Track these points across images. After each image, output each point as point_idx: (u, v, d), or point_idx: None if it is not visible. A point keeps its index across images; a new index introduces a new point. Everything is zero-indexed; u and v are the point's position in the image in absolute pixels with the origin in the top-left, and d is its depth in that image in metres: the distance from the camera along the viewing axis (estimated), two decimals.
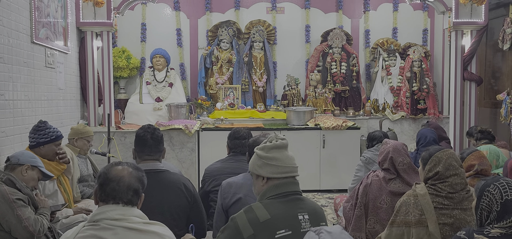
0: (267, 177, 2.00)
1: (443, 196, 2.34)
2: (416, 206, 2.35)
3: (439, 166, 2.38)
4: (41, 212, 2.63)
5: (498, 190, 1.91)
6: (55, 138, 3.23)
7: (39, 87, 4.32)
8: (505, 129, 5.80)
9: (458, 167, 2.38)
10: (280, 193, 1.97)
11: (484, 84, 6.31)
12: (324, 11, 7.11)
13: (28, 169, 2.78)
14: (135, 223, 1.74)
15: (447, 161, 2.38)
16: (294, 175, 2.03)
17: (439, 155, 2.42)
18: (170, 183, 2.56)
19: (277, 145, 2.03)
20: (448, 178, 2.36)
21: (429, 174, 2.43)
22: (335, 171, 5.75)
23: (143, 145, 2.61)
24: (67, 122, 5.06)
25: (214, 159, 3.48)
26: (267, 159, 2.00)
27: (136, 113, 6.25)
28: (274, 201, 1.95)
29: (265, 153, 2.02)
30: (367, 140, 4.28)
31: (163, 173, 2.59)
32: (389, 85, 6.74)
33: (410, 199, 2.41)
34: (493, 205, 1.90)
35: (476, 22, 5.79)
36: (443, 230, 2.29)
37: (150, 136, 2.62)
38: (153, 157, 2.62)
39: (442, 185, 2.36)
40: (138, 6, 6.79)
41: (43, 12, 4.39)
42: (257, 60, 6.74)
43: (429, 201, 2.33)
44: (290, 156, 2.04)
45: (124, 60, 6.47)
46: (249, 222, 1.87)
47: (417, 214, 2.34)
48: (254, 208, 1.93)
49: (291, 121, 5.98)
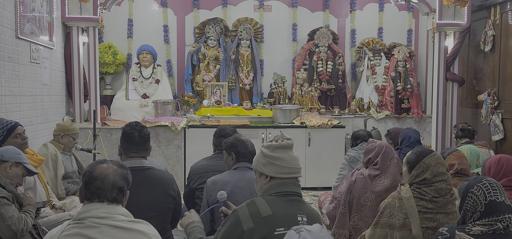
0: (270, 176, 2.02)
1: (428, 200, 2.36)
2: (401, 209, 2.37)
3: (427, 172, 2.39)
4: (26, 209, 2.61)
5: (482, 191, 1.96)
6: (10, 130, 3.16)
7: (23, 83, 4.28)
8: (485, 128, 5.94)
9: (445, 172, 2.40)
10: (283, 192, 1.99)
11: (466, 85, 6.44)
12: (311, 10, 7.16)
13: (12, 166, 2.74)
14: (120, 221, 1.76)
15: (435, 168, 2.39)
16: (297, 176, 2.05)
17: (427, 161, 2.41)
18: (156, 180, 2.57)
19: (283, 145, 2.04)
20: (434, 183, 2.38)
21: (416, 179, 2.43)
22: (320, 169, 5.82)
23: (130, 142, 2.59)
24: (52, 117, 5.02)
25: (200, 156, 3.51)
26: (272, 158, 2.01)
27: (122, 109, 6.23)
28: (276, 199, 1.97)
29: (270, 152, 2.03)
30: (351, 138, 4.35)
31: (149, 170, 2.59)
32: (374, 85, 6.84)
33: (395, 202, 2.42)
34: (477, 206, 1.96)
35: (459, 24, 5.90)
36: (426, 233, 2.33)
37: (137, 133, 2.60)
38: (140, 154, 2.60)
39: (427, 189, 2.38)
40: (125, 2, 6.75)
41: (28, 6, 4.35)
42: (244, 58, 6.77)
43: (413, 205, 2.35)
44: (294, 157, 2.05)
45: (110, 56, 6.43)
46: (251, 215, 1.90)
47: (401, 218, 2.36)
48: (256, 202, 1.95)
49: (277, 118, 6.02)
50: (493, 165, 2.91)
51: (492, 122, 5.67)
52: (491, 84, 5.86)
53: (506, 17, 5.61)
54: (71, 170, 3.89)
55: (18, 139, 3.20)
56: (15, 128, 3.20)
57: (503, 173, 2.86)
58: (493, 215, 1.91)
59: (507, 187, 2.79)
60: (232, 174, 2.74)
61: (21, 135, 3.24)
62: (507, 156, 2.94)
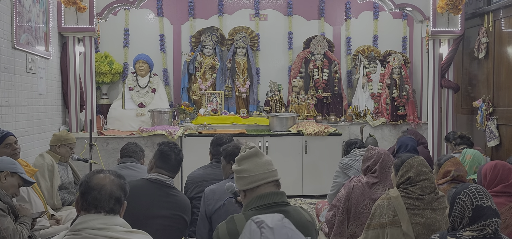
0: (242, 190, 1.99)
1: (414, 198, 2.48)
2: (390, 207, 2.49)
3: (410, 171, 2.54)
4: (22, 221, 2.59)
5: (469, 197, 2.02)
6: (1, 139, 3.13)
7: (19, 93, 4.27)
8: (481, 135, 5.97)
9: (428, 172, 2.54)
10: (263, 204, 1.93)
11: (461, 91, 6.48)
12: (307, 18, 7.20)
13: (8, 176, 2.71)
14: (117, 232, 1.74)
15: (417, 167, 2.54)
16: (269, 180, 1.97)
17: (411, 162, 2.57)
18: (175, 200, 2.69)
19: (244, 156, 1.99)
20: (419, 182, 2.51)
21: (401, 179, 2.57)
22: (317, 177, 5.82)
23: (165, 162, 2.72)
24: (48, 127, 5.01)
25: (197, 165, 3.50)
26: (238, 172, 2.00)
27: (118, 119, 6.21)
28: (256, 212, 1.89)
29: (237, 166, 2.01)
30: (345, 145, 4.36)
31: (172, 189, 2.72)
32: (369, 92, 6.87)
33: (384, 202, 2.54)
34: (465, 211, 2.02)
35: (453, 31, 5.95)
36: (416, 229, 2.43)
37: (174, 156, 2.74)
38: (171, 174, 2.74)
39: (413, 188, 2.51)
40: (121, 12, 6.77)
41: (24, 17, 4.35)
42: (240, 66, 6.79)
43: (401, 203, 2.47)
44: (262, 162, 1.98)
45: (106, 65, 6.43)
46: (228, 233, 1.86)
47: (390, 215, 2.47)
48: (235, 219, 1.91)
49: (274, 126, 6.03)
50: (489, 171, 2.92)
51: (487, 128, 5.70)
52: (486, 90, 5.90)
53: (499, 24, 5.66)
54: (67, 181, 3.87)
55: (8, 149, 3.15)
56: (6, 137, 3.15)
57: (499, 179, 2.87)
58: (481, 219, 1.97)
59: (504, 193, 2.80)
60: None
61: (12, 145, 3.19)
62: (503, 162, 2.95)
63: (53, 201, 3.61)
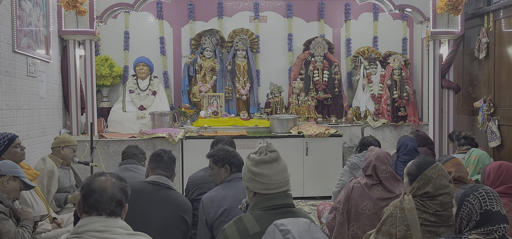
0: (254, 191, 1.95)
1: (431, 213, 2.30)
2: (402, 220, 2.31)
3: (428, 185, 2.32)
4: (23, 224, 2.59)
5: (478, 200, 1.97)
6: (11, 139, 3.20)
7: (20, 97, 4.27)
8: (482, 135, 5.96)
9: (448, 185, 2.33)
10: (272, 206, 1.91)
11: (462, 92, 6.48)
12: (306, 20, 7.21)
13: (10, 180, 2.73)
14: (118, 234, 1.74)
15: (437, 180, 2.32)
16: (283, 190, 1.94)
17: (429, 173, 2.34)
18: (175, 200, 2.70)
19: (264, 160, 1.93)
20: (438, 197, 2.32)
21: (417, 192, 2.36)
22: (318, 178, 5.82)
23: (159, 161, 2.79)
24: (49, 131, 5.01)
25: (198, 167, 3.51)
26: (254, 174, 1.93)
27: (119, 121, 6.22)
28: (264, 213, 1.89)
29: (253, 166, 1.94)
30: (358, 144, 4.31)
31: (171, 190, 2.74)
32: (370, 93, 6.87)
33: (396, 211, 2.36)
34: (472, 215, 1.97)
35: (453, 32, 5.95)
36: None
37: (166, 155, 2.84)
38: (167, 173, 2.79)
39: (431, 203, 2.32)
40: (121, 15, 6.78)
41: (24, 21, 4.36)
42: (240, 68, 6.79)
43: (415, 217, 2.28)
44: (280, 170, 1.94)
45: (107, 68, 6.44)
46: (239, 233, 1.84)
47: (402, 229, 2.30)
48: (244, 220, 1.89)
49: (275, 128, 6.03)
50: (493, 171, 2.91)
51: (488, 128, 5.69)
52: (487, 91, 5.90)
53: (499, 25, 5.66)
54: (69, 184, 3.87)
55: (18, 148, 3.23)
56: (15, 139, 3.24)
57: (502, 180, 2.86)
58: (489, 224, 1.92)
59: (506, 194, 2.79)
60: (227, 188, 2.71)
61: (20, 145, 3.28)
62: (508, 163, 2.93)
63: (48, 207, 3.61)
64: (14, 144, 3.21)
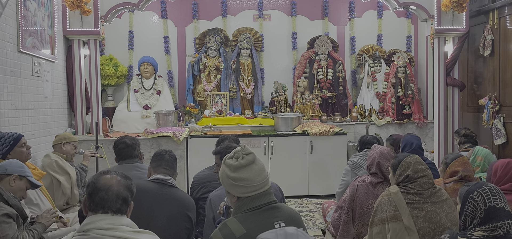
0: (237, 196, 1.97)
1: (413, 193, 2.50)
2: (390, 203, 2.50)
3: (408, 170, 2.56)
4: (33, 227, 2.61)
5: (482, 197, 1.99)
6: (17, 139, 3.25)
7: (26, 96, 4.30)
8: (487, 133, 5.93)
9: (425, 169, 2.57)
10: (255, 207, 1.93)
11: (466, 89, 6.44)
12: (310, 19, 7.20)
13: (16, 179, 2.74)
14: (124, 232, 1.75)
15: (414, 165, 2.57)
16: (265, 189, 1.96)
17: (407, 161, 2.60)
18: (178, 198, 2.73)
19: (242, 164, 1.94)
20: (417, 179, 2.53)
21: (400, 178, 2.60)
22: (323, 176, 5.81)
23: (160, 160, 2.83)
24: (54, 130, 5.03)
25: (203, 166, 3.51)
26: (235, 180, 1.94)
27: (124, 121, 6.24)
28: (249, 215, 1.91)
29: (232, 172, 1.94)
30: (358, 143, 4.32)
31: (173, 188, 2.76)
32: (374, 91, 6.85)
33: (384, 198, 2.55)
34: (476, 211, 1.99)
35: (458, 29, 5.92)
36: (418, 222, 2.43)
37: (167, 155, 2.87)
38: (169, 172, 2.81)
39: (412, 185, 2.53)
40: (126, 14, 6.80)
41: (29, 21, 4.38)
42: (244, 67, 6.79)
43: (401, 198, 2.49)
44: (259, 170, 1.96)
45: (111, 68, 6.46)
46: (225, 238, 1.85)
47: (391, 210, 2.48)
48: (229, 224, 1.89)
49: (279, 127, 6.03)
50: (501, 168, 2.91)
51: (494, 126, 5.66)
52: (492, 88, 5.87)
53: (504, 22, 5.63)
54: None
55: (24, 148, 3.28)
56: (21, 138, 3.28)
57: (509, 177, 2.86)
58: (493, 221, 1.94)
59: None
60: None
61: (26, 144, 3.33)
62: None
63: (76, 192, 3.80)
64: (20, 143, 3.25)
